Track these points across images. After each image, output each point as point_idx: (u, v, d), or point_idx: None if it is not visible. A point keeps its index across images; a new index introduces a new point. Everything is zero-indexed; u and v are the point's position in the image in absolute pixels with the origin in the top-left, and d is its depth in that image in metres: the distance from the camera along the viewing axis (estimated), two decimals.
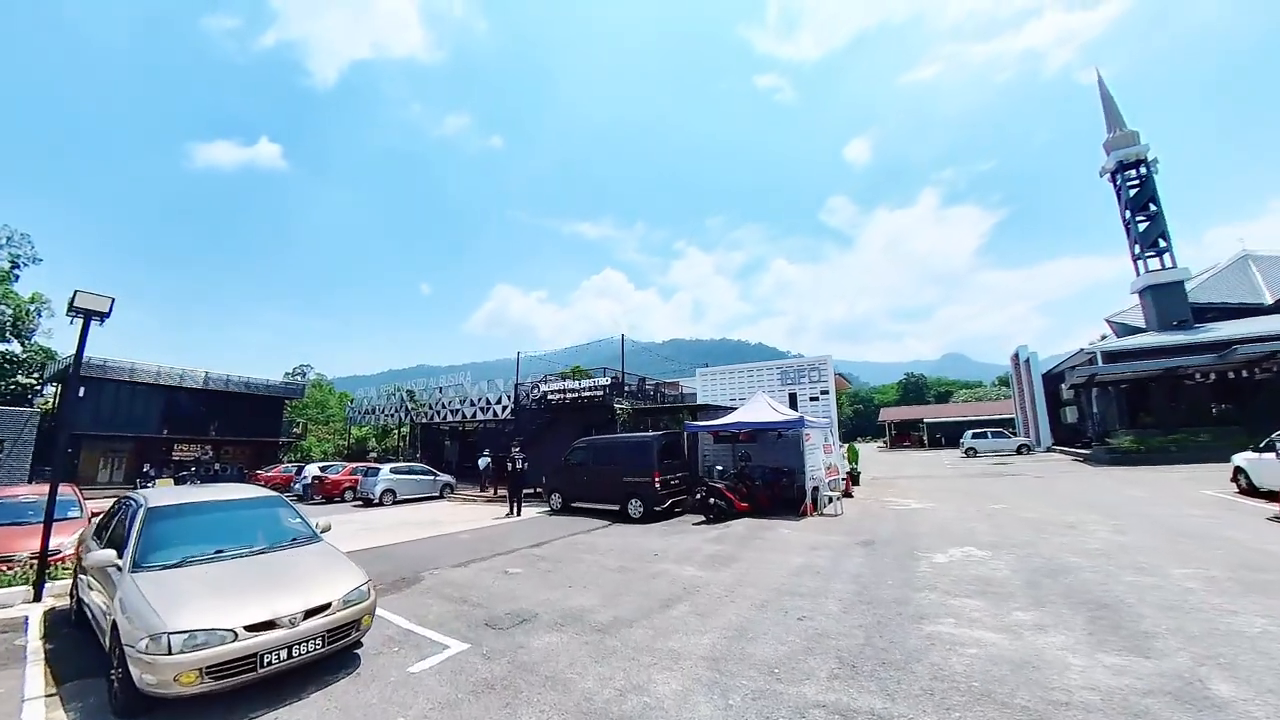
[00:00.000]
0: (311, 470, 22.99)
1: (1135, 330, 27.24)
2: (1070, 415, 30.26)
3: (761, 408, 14.96)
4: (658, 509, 12.63)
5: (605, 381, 18.48)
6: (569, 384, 19.49)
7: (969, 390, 71.83)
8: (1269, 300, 25.70)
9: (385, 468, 19.94)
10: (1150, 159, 27.66)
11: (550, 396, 19.89)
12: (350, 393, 37.94)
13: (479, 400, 25.95)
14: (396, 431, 33.13)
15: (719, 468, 14.12)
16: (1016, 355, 34.64)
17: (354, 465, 22.63)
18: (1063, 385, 30.81)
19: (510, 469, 14.52)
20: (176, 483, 28.93)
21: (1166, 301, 26.09)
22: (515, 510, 14.00)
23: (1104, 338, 32.67)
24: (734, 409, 17.42)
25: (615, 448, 13.87)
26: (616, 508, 13.25)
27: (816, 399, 16.24)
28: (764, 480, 14.45)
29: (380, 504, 18.61)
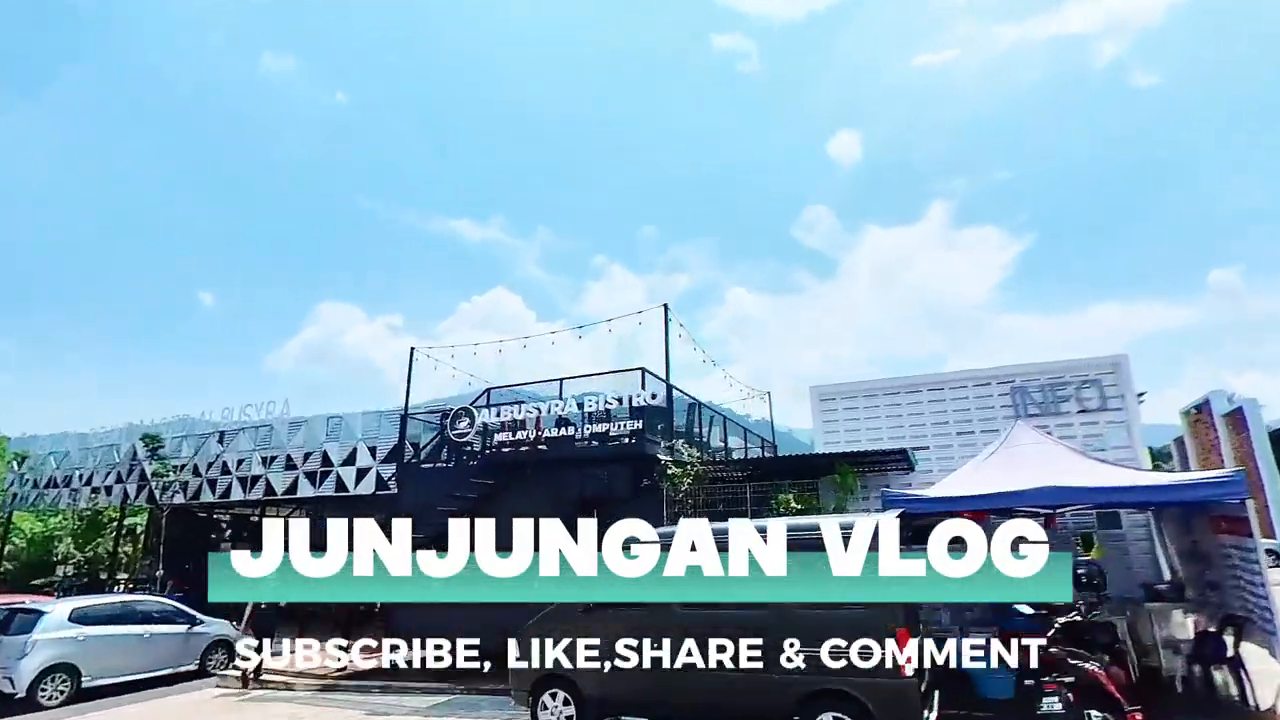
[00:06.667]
0: None
1: None
2: None
3: (1057, 451, 9.38)
4: None
5: (645, 400, 11.20)
6: (553, 410, 11.76)
7: None
8: None
9: (54, 611, 11.57)
10: None
11: (501, 442, 12.02)
12: (29, 451, 26.44)
13: (303, 458, 18.39)
14: (117, 524, 24.05)
15: None
16: (1207, 405, 29.10)
17: None
18: None
19: (255, 606, 11.93)
20: None
21: None
22: (246, 679, 11.33)
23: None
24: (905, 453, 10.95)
25: None
26: None
27: (1099, 435, 10.60)
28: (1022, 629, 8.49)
29: (38, 707, 10.70)
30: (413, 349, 13.73)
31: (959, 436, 11.27)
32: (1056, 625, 8.66)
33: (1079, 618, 8.69)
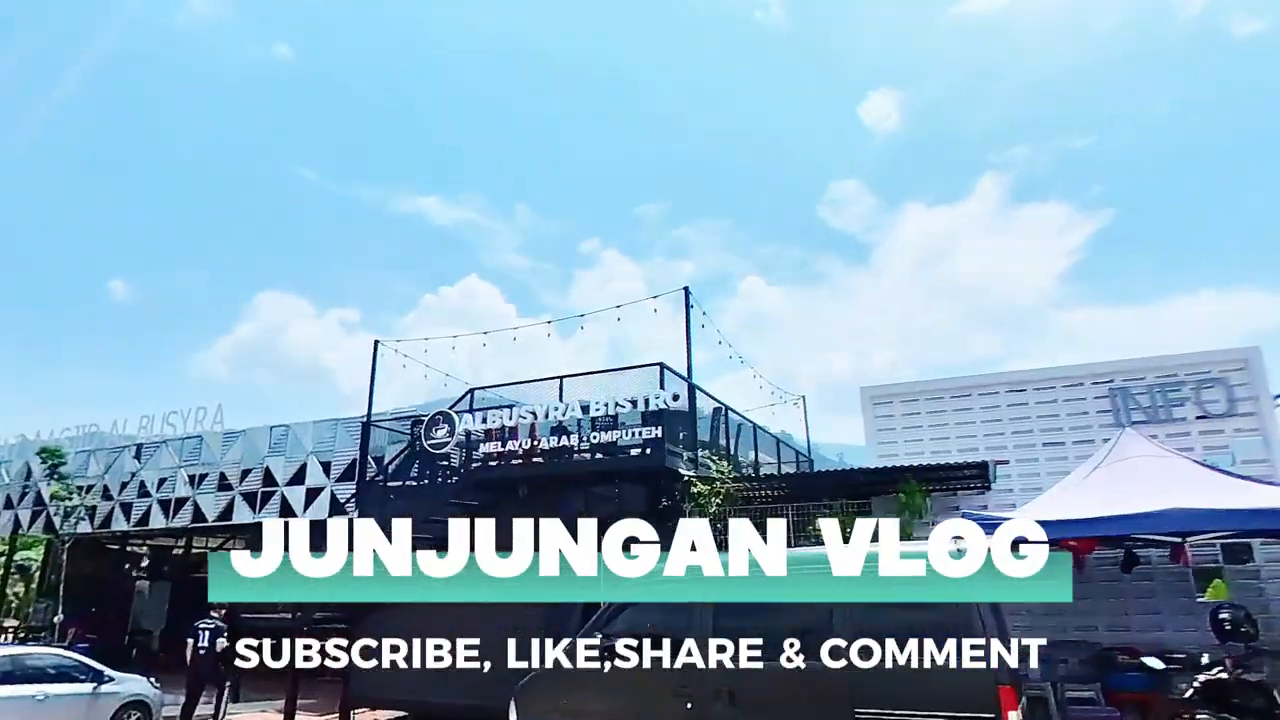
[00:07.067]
0: None
1: None
2: None
3: (1179, 465, 8.57)
4: None
5: (665, 403, 9.96)
6: (552, 414, 10.40)
7: None
8: None
9: None
10: None
11: (487, 455, 10.76)
12: None
13: (240, 476, 17.24)
14: (5, 558, 22.85)
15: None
16: None
17: None
18: None
19: (194, 653, 11.04)
20: None
21: None
22: None
23: None
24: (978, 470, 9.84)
25: None
26: None
27: (1224, 447, 9.62)
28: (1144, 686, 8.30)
29: None
30: (377, 342, 12.36)
31: (1045, 448, 10.25)
32: (1196, 684, 7.54)
33: (1225, 675, 7.58)
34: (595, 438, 10.66)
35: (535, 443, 11.01)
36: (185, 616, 19.35)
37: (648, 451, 10.29)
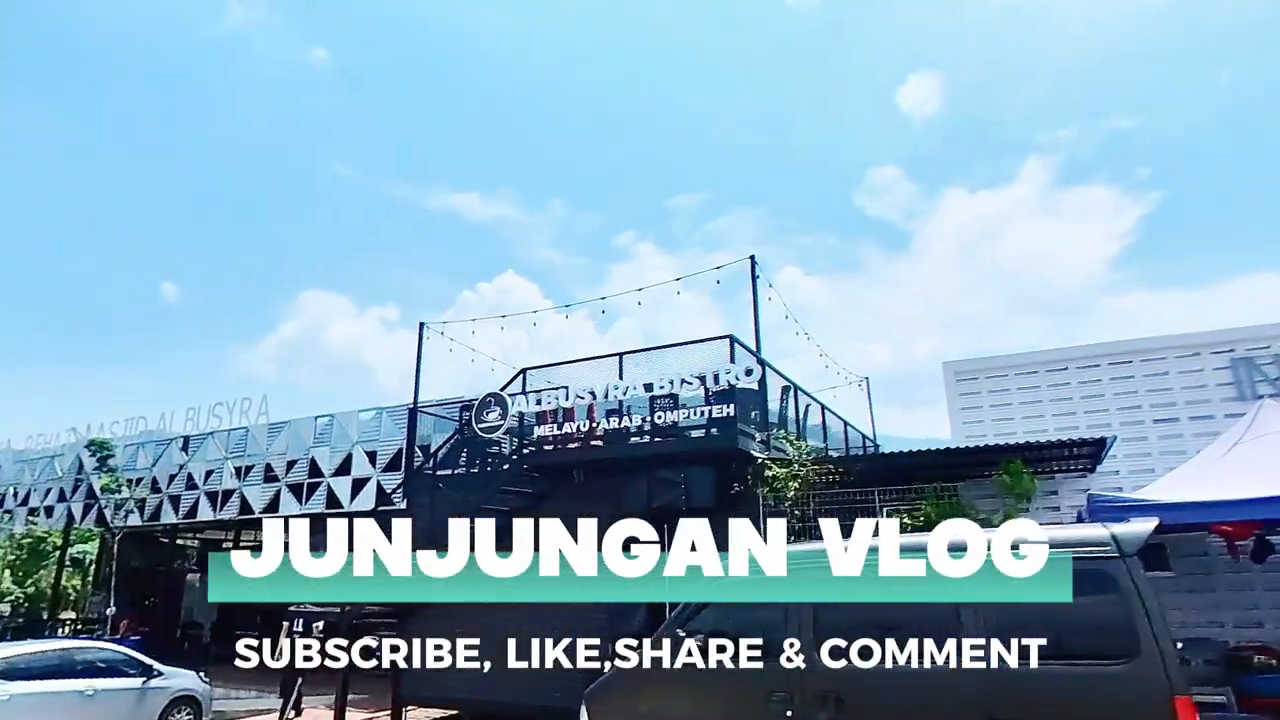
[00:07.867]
0: None
1: None
2: None
3: None
4: None
5: (736, 379, 9.16)
6: (611, 394, 9.67)
7: None
8: None
9: None
10: None
11: (541, 439, 10.10)
12: None
13: (286, 468, 16.90)
14: (60, 551, 22.33)
15: None
16: None
17: None
18: None
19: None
20: None
21: None
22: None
23: None
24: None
25: None
26: None
27: None
28: None
29: None
30: (422, 324, 11.74)
31: (1156, 425, 9.26)
32: None
33: None
34: (659, 418, 9.83)
35: (594, 424, 10.27)
36: (236, 611, 18.74)
37: (715, 432, 9.41)
